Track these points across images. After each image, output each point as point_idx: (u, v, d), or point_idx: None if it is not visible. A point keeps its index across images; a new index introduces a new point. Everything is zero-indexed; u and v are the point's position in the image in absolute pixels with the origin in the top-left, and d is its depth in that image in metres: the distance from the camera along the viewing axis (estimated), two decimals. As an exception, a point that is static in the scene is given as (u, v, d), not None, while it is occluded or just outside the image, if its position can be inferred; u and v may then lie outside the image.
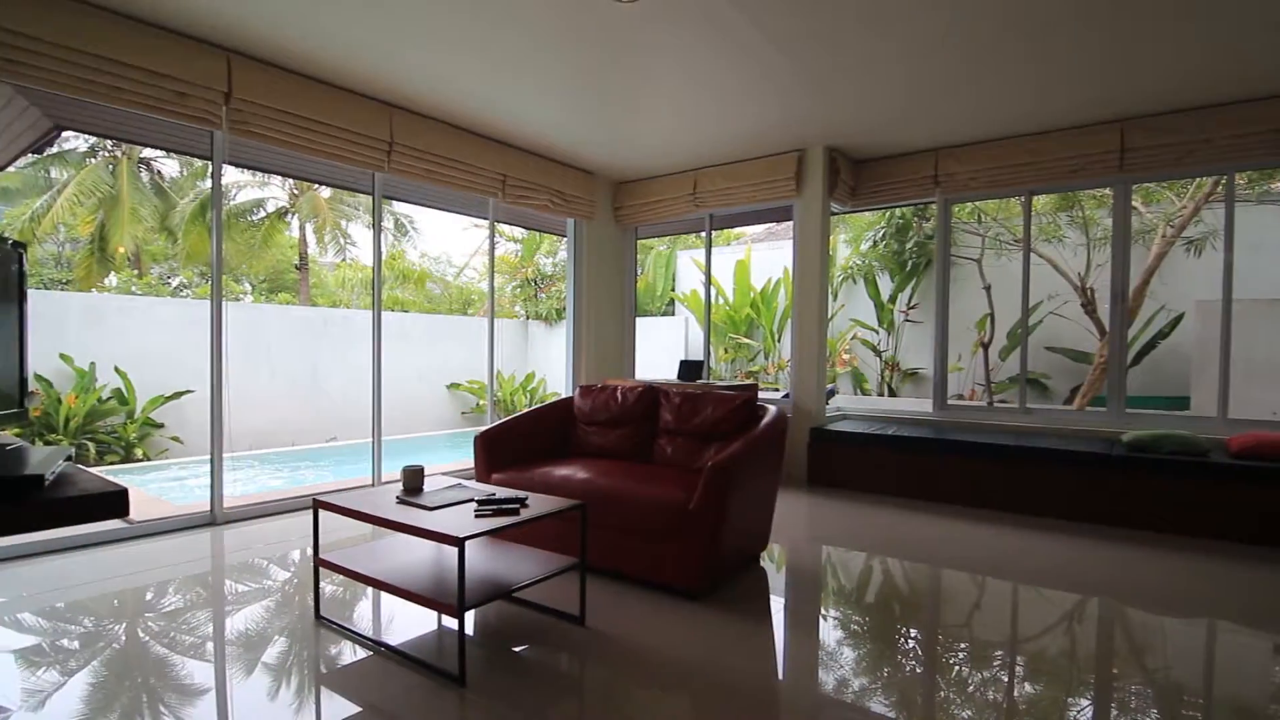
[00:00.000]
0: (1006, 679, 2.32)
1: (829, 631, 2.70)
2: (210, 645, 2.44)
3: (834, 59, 3.75)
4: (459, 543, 2.11)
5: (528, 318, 12.09)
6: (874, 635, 2.63)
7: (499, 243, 12.66)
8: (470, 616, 2.65)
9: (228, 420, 4.02)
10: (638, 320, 6.94)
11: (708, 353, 6.55)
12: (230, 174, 11.54)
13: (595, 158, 5.71)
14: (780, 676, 2.32)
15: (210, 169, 4.00)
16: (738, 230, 12.42)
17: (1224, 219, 4.62)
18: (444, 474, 4.31)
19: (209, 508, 3.97)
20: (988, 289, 8.25)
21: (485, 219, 5.58)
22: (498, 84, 4.13)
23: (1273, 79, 3.88)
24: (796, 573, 3.36)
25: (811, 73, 3.93)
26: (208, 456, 3.98)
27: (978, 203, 7.99)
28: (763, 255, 10.71)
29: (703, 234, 6.37)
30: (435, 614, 2.66)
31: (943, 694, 2.19)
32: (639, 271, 11.48)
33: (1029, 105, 4.39)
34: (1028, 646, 2.58)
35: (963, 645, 2.57)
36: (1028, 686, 2.26)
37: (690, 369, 5.93)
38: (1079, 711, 2.10)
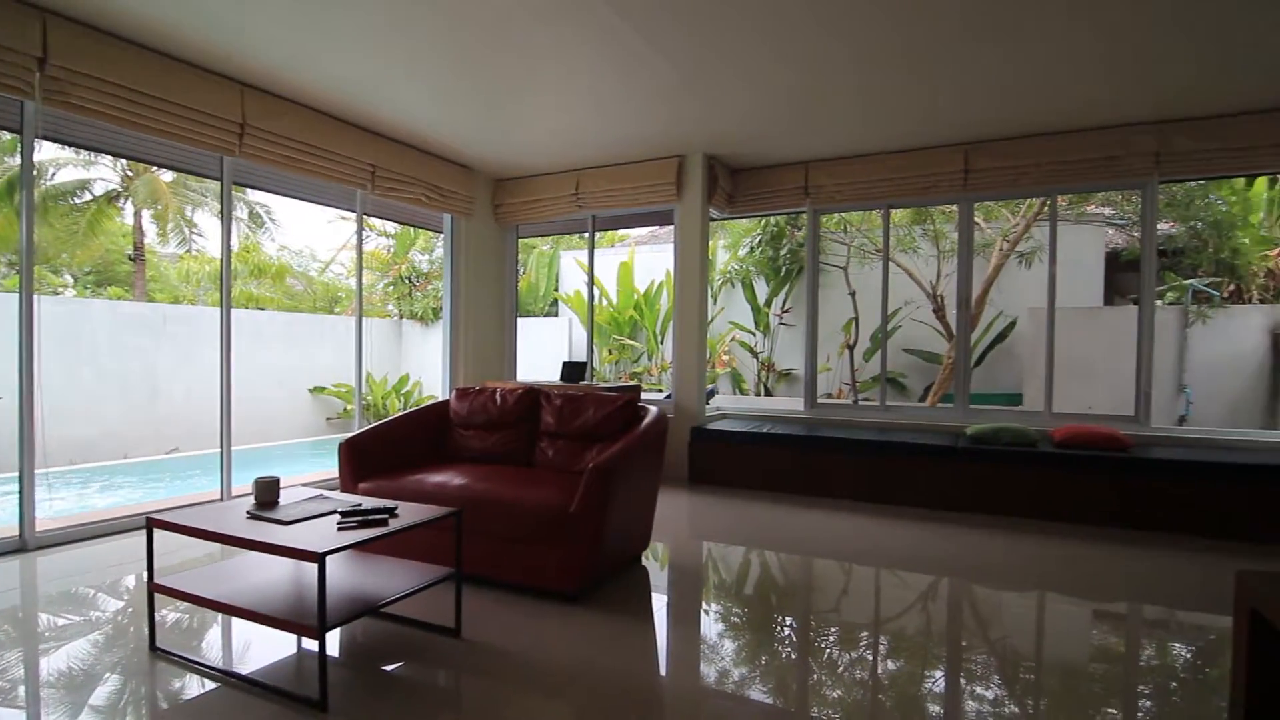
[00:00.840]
0: (871, 658, 2.49)
1: (710, 625, 2.77)
2: (22, 690, 2.11)
3: (715, 71, 3.88)
4: (318, 558, 1.96)
5: (402, 317, 11.54)
6: (753, 626, 2.74)
7: (370, 237, 11.99)
8: (335, 637, 2.47)
9: (40, 430, 3.51)
10: (519, 321, 6.82)
11: (591, 354, 6.56)
12: (48, 150, 10.11)
13: (474, 153, 5.55)
14: (663, 673, 2.35)
15: (20, 144, 3.48)
16: (622, 232, 12.54)
17: (1049, 236, 5.25)
18: (304, 485, 4.01)
19: (17, 532, 3.45)
20: (853, 295, 8.86)
21: (353, 211, 5.26)
22: (366, 70, 3.91)
23: (1086, 114, 4.45)
24: (678, 570, 3.43)
25: (693, 82, 4.04)
26: (15, 473, 3.46)
27: (844, 214, 8.57)
28: (646, 257, 10.89)
29: (586, 235, 6.37)
30: (295, 637, 2.46)
31: (815, 676, 2.31)
32: (520, 271, 11.28)
33: (889, 127, 4.77)
34: (889, 626, 2.79)
35: (833, 629, 2.73)
36: (890, 663, 2.44)
37: (573, 370, 5.90)
38: (933, 683, 2.30)
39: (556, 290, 11.81)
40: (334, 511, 2.40)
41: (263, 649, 2.43)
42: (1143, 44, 3.46)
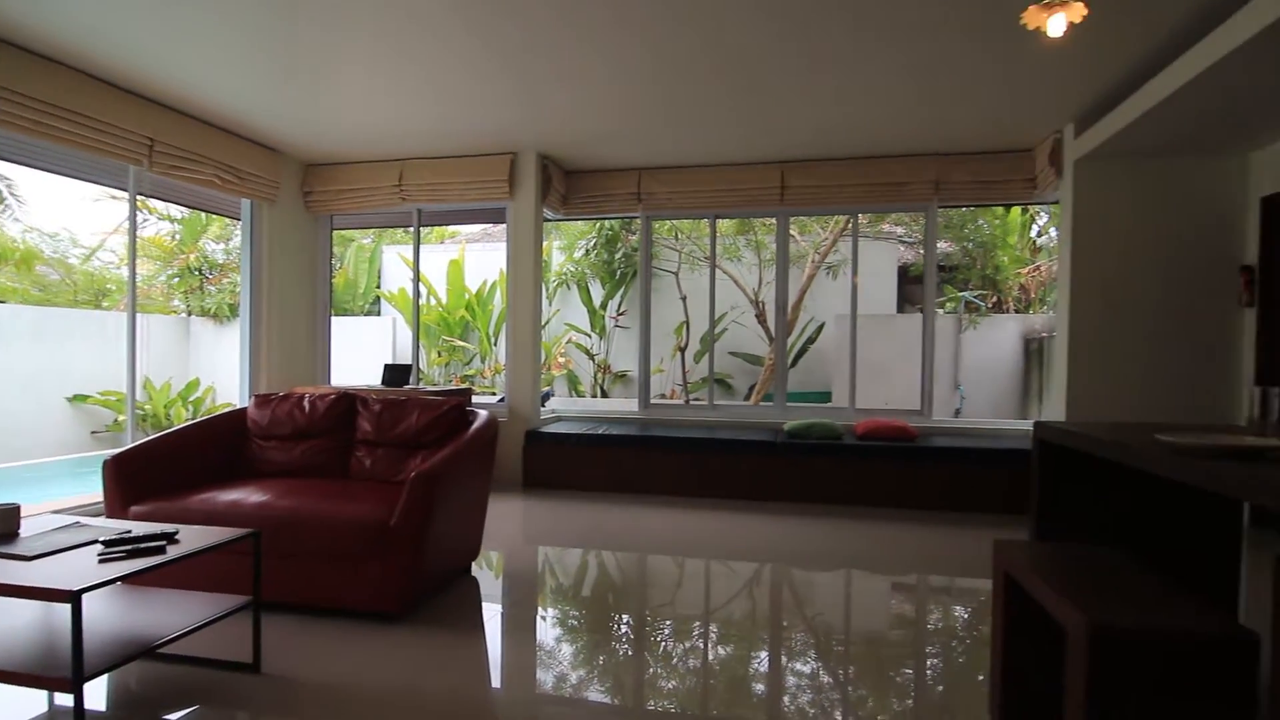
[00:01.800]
0: (703, 645, 2.59)
1: (547, 630, 2.73)
2: None
3: (542, 71, 3.85)
4: (71, 597, 1.65)
5: (190, 313, 10.19)
6: (590, 627, 2.74)
7: (150, 221, 10.43)
8: (102, 686, 2.10)
9: None
10: (335, 320, 6.30)
11: (417, 356, 6.23)
12: None
13: (281, 133, 5.03)
14: (497, 685, 2.27)
15: None
16: (453, 228, 12.07)
17: (852, 250, 5.86)
18: (58, 512, 3.39)
19: None
20: (684, 300, 9.28)
21: (124, 190, 4.54)
22: (141, 26, 3.38)
23: (884, 144, 5.02)
24: (513, 577, 3.35)
25: (522, 80, 3.98)
26: None
27: (675, 221, 8.94)
28: (479, 256, 10.58)
29: (411, 229, 6.04)
30: (45, 693, 2.05)
31: (651, 670, 2.36)
32: (336, 265, 10.47)
33: (713, 142, 5.05)
34: (719, 614, 2.93)
35: (667, 622, 2.81)
36: (720, 649, 2.56)
37: (397, 373, 5.56)
38: (759, 663, 2.44)
39: (379, 287, 11.09)
40: (95, 541, 2.04)
41: (5, 712, 2.00)
42: (928, 90, 3.98)
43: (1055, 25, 2.40)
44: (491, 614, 2.87)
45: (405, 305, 9.75)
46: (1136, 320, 4.59)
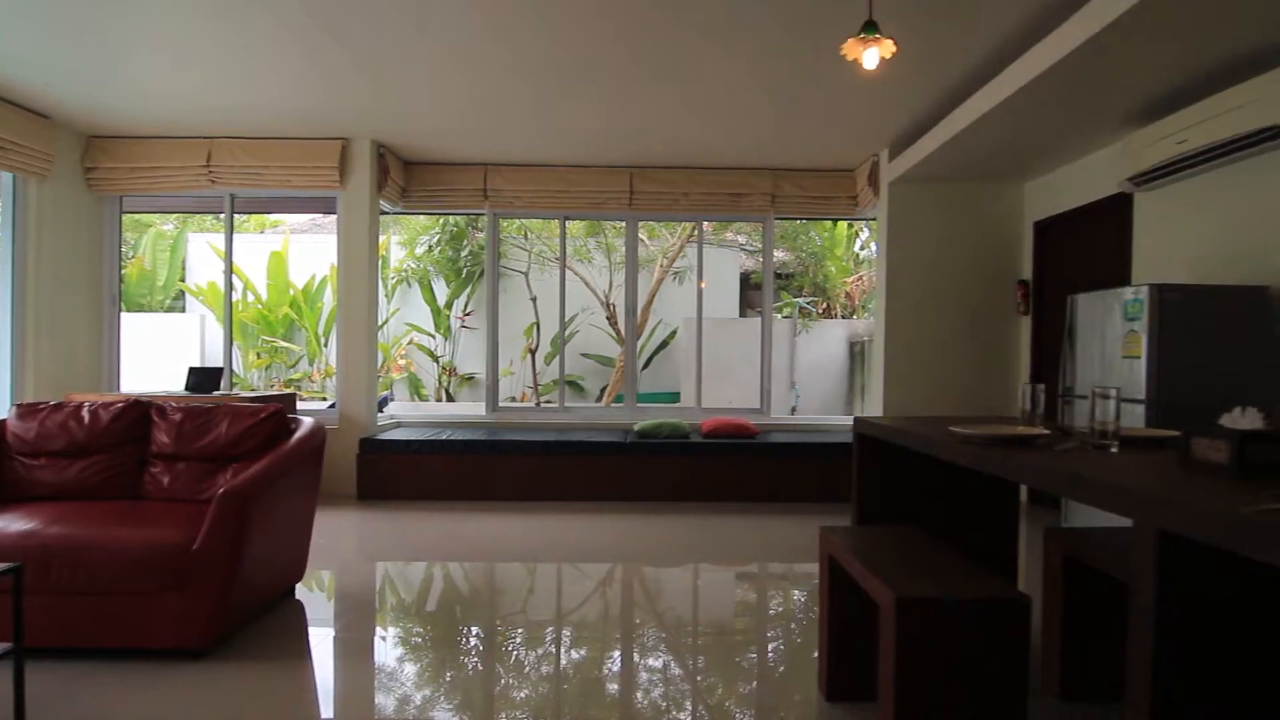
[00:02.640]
0: (555, 651, 2.57)
1: (387, 651, 2.57)
2: None
3: (386, 53, 3.63)
4: None
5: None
6: (436, 643, 2.62)
7: None
8: None
9: None
10: (127, 316, 5.53)
11: (229, 359, 5.62)
12: None
13: (54, 96, 4.32)
14: (328, 715, 2.10)
15: None
16: (275, 216, 11.04)
17: (697, 255, 6.12)
18: None
19: None
20: (534, 300, 9.19)
21: None
22: None
23: (723, 156, 5.29)
24: (347, 597, 3.12)
25: (360, 59, 3.73)
26: None
27: (524, 220, 8.84)
28: (306, 248, 9.75)
29: (223, 216, 5.45)
30: None
31: (504, 681, 2.30)
32: (129, 254, 9.23)
33: (568, 142, 5.05)
34: (572, 617, 2.93)
35: (519, 630, 2.76)
36: (574, 653, 2.56)
37: (204, 378, 4.98)
38: (611, 663, 2.47)
39: (183, 280, 9.88)
40: None
41: None
42: (766, 109, 4.25)
43: (869, 58, 2.65)
44: (321, 639, 2.66)
45: (216, 301, 8.76)
46: (939, 326, 5.23)
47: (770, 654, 2.61)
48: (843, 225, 10.21)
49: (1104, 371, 3.43)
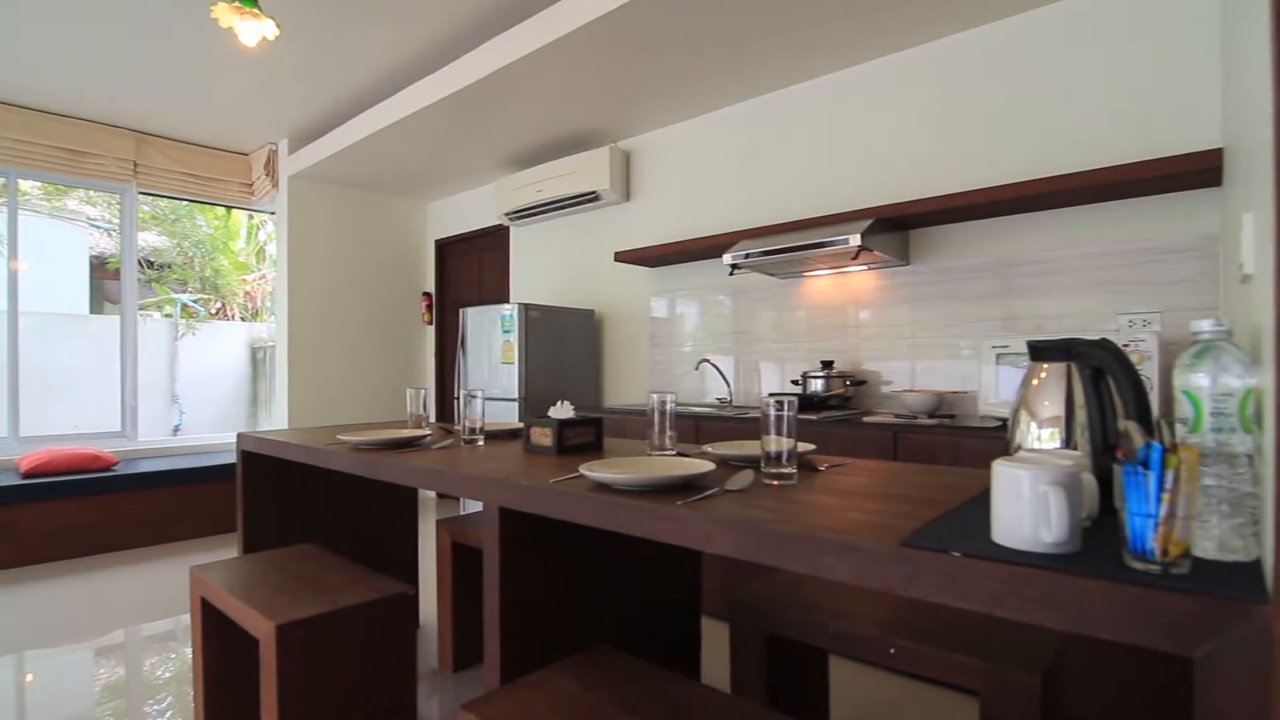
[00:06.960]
0: None
1: None
2: None
3: None
4: None
5: None
6: None
7: None
8: None
9: None
10: None
11: None
12: None
13: None
14: None
15: None
16: None
17: (8, 224, 4.61)
18: None
19: None
20: None
21: None
22: None
23: (67, 101, 4.13)
24: None
25: None
26: None
27: None
28: None
29: None
30: None
31: None
32: None
33: None
34: None
35: None
36: None
37: None
38: None
39: None
40: None
41: None
42: (140, 56, 3.49)
43: (247, 33, 2.43)
44: None
45: None
46: (348, 333, 5.28)
47: (126, 740, 2.15)
48: (239, 215, 9.33)
49: (491, 375, 4.05)
